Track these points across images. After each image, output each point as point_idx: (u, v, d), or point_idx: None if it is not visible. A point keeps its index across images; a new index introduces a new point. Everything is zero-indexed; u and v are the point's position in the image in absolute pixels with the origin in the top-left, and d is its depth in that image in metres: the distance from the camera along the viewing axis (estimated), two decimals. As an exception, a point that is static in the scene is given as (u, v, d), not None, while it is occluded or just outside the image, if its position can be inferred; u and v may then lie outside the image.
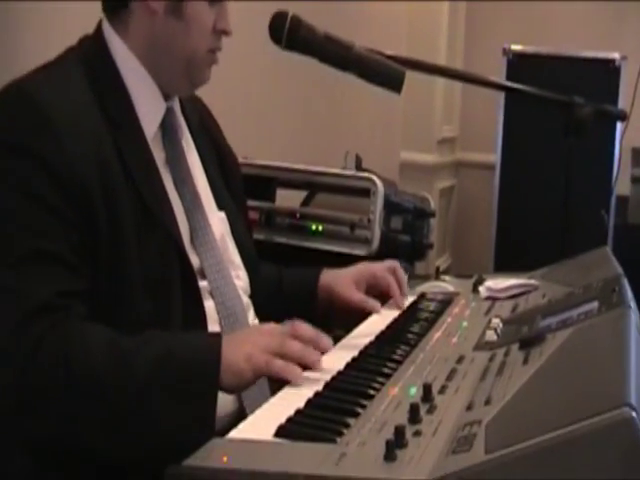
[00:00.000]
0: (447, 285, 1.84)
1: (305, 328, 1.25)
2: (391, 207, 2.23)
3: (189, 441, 0.93)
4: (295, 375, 1.18)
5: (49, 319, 1.15)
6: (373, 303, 1.61)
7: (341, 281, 1.66)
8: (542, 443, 0.81)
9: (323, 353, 1.24)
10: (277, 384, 1.21)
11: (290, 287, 1.71)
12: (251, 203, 2.12)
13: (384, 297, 1.67)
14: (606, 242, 3.36)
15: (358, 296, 1.63)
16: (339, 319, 1.68)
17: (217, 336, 1.22)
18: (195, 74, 1.40)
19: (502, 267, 3.50)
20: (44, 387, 1.12)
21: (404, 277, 1.68)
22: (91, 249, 1.22)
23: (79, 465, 1.20)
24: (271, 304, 1.60)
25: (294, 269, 1.76)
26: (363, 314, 1.61)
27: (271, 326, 1.28)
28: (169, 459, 0.90)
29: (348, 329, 1.54)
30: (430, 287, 1.84)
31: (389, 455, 0.88)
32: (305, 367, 1.20)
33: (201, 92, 1.67)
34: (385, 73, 1.73)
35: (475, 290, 1.74)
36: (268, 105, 3.00)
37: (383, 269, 1.69)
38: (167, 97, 1.40)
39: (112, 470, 1.19)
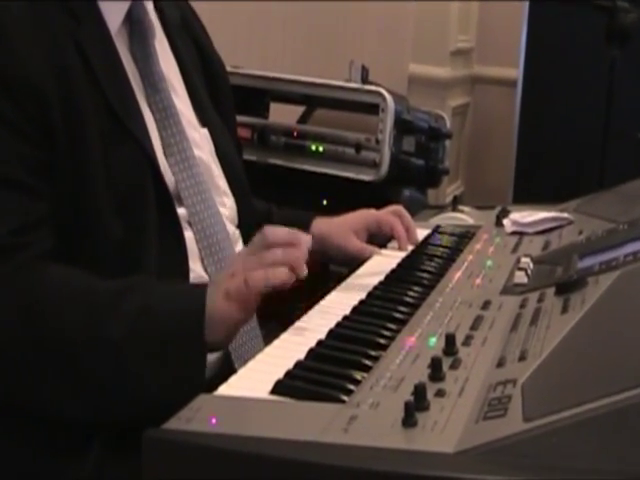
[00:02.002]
0: (466, 217, 1.80)
1: (276, 232, 1.16)
2: (402, 126, 2.17)
3: (174, 407, 0.89)
4: (283, 275, 1.10)
5: (6, 264, 1.10)
6: (373, 249, 1.56)
7: (337, 230, 1.60)
8: (591, 412, 0.75)
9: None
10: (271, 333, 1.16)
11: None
12: (241, 119, 2.07)
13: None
14: (642, 170, 3.30)
15: (356, 244, 1.58)
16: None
17: (203, 286, 1.16)
18: None
19: (522, 198, 3.44)
20: (1, 349, 1.08)
21: (412, 221, 1.61)
22: (51, 167, 1.16)
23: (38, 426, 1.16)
24: None
25: (284, 210, 1.71)
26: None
27: (244, 250, 1.21)
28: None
29: (352, 268, 1.49)
30: (447, 219, 1.80)
31: (408, 420, 0.82)
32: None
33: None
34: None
35: (499, 223, 1.69)
36: (262, 8, 2.90)
37: (386, 213, 1.63)
38: None
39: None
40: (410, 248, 1.57)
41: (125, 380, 1.08)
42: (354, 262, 1.55)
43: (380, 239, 1.62)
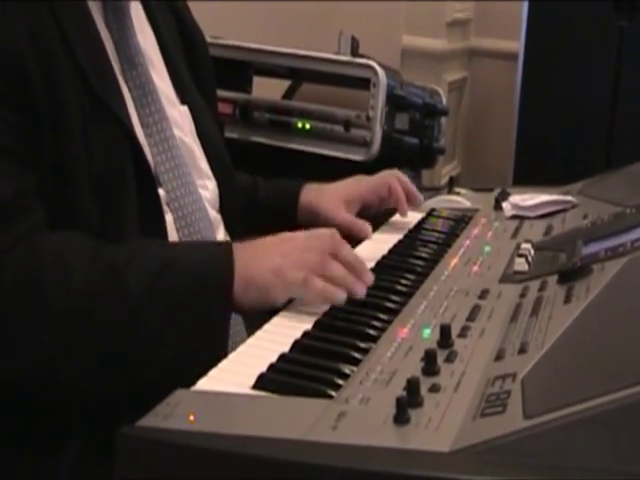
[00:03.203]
0: (463, 200, 1.80)
1: (348, 249, 1.22)
2: (395, 102, 2.18)
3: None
4: (340, 300, 1.15)
5: (12, 226, 1.11)
6: (363, 226, 1.56)
7: (327, 199, 1.61)
8: (597, 408, 0.75)
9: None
10: (253, 324, 1.17)
11: (266, 201, 1.67)
12: (222, 94, 2.06)
13: (385, 215, 1.62)
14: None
15: (345, 216, 1.58)
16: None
17: (227, 243, 1.19)
18: None
19: (523, 179, 3.44)
20: (12, 313, 1.08)
21: (411, 184, 1.62)
22: (33, 141, 1.16)
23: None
24: (243, 218, 1.55)
25: (271, 181, 1.71)
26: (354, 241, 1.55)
27: (306, 237, 1.22)
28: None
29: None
30: (442, 202, 1.80)
31: (401, 416, 0.82)
32: None
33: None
34: None
35: (498, 207, 1.70)
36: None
37: (381, 178, 1.64)
38: None
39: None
40: (412, 216, 1.58)
41: (142, 342, 1.09)
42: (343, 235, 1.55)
43: (379, 208, 1.63)
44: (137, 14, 1.39)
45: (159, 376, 1.10)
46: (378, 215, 1.63)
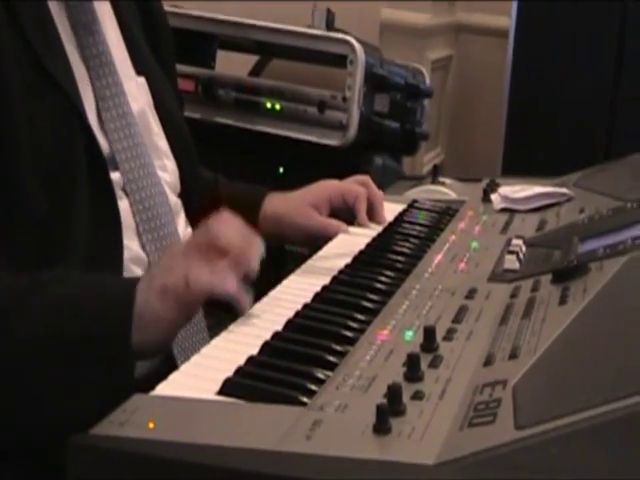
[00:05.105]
0: (448, 191, 1.81)
1: (227, 233, 1.15)
2: (374, 82, 2.19)
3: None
4: (232, 285, 1.11)
5: None
6: (339, 227, 1.57)
7: (295, 207, 1.62)
8: (595, 419, 0.77)
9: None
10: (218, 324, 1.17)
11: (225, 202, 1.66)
12: (183, 69, 2.07)
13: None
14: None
15: (318, 219, 1.59)
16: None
17: (134, 279, 1.14)
18: None
19: (513, 169, 3.46)
20: None
21: (379, 196, 1.62)
22: None
23: None
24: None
25: (233, 183, 1.72)
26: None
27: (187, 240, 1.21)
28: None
29: (313, 248, 1.50)
30: (425, 192, 1.81)
31: (381, 426, 0.83)
32: None
33: None
34: None
35: (486, 199, 1.71)
36: None
37: (351, 183, 1.65)
38: None
39: None
40: (392, 208, 1.60)
41: (34, 391, 1.06)
42: (317, 242, 1.55)
43: (347, 214, 1.63)
44: None
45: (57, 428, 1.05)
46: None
